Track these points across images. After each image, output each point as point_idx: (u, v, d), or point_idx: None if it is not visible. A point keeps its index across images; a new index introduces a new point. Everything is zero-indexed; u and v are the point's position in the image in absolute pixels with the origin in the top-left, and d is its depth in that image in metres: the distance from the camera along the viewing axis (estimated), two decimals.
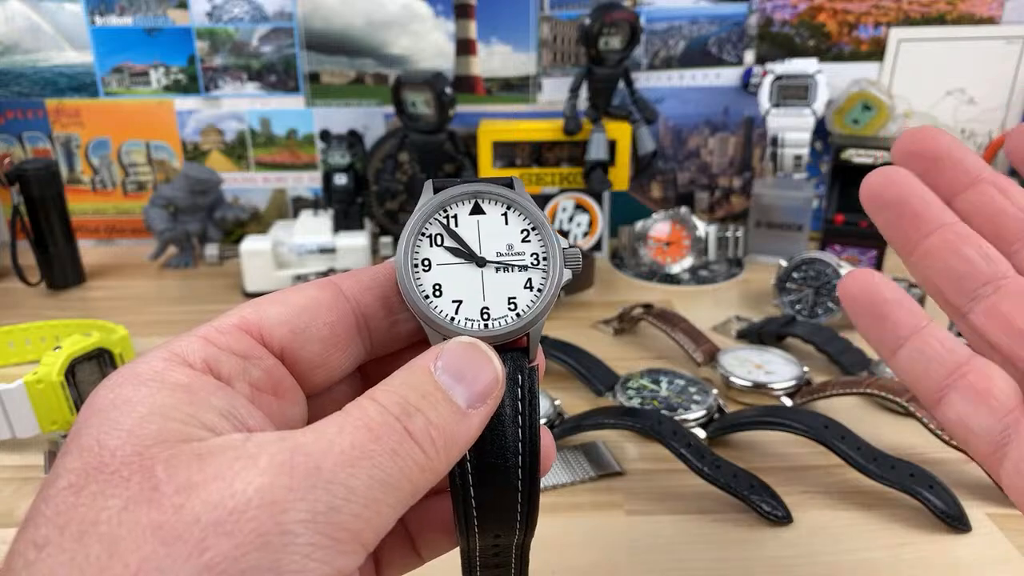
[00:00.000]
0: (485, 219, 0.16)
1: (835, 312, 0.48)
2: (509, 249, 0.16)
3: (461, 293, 0.16)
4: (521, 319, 0.16)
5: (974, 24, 0.61)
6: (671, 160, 0.66)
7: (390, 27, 0.61)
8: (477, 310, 0.16)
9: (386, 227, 0.65)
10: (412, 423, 0.14)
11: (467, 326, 0.16)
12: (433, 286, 0.16)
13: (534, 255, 0.17)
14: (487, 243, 0.16)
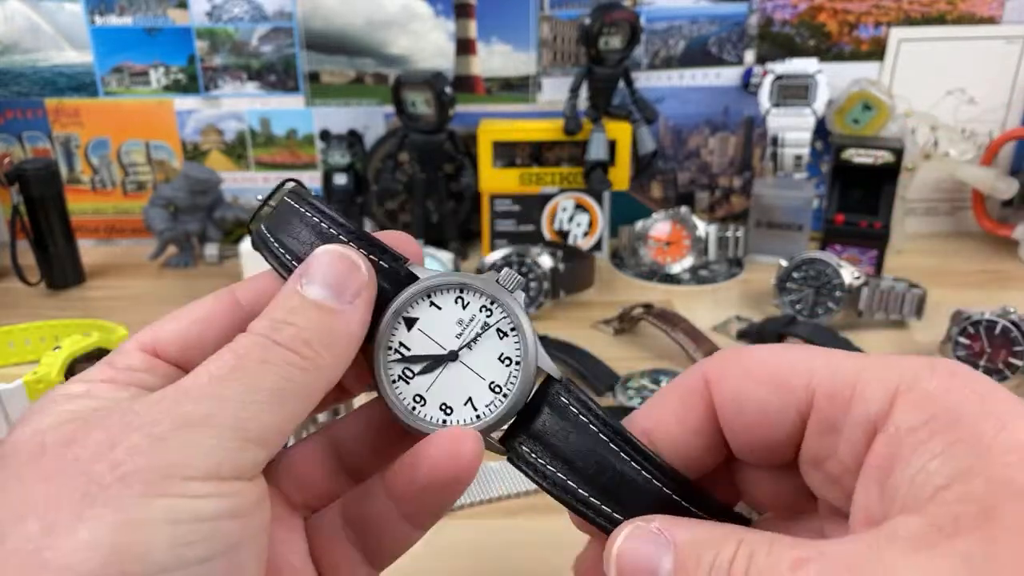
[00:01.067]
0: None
1: (835, 312, 0.48)
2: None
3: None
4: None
5: (974, 24, 0.61)
6: (671, 160, 0.66)
7: (390, 27, 0.61)
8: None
9: (386, 227, 0.65)
10: (280, 334, 0.15)
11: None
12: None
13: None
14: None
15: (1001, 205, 0.67)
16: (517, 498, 0.32)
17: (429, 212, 0.61)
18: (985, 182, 0.61)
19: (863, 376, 0.14)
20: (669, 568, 0.14)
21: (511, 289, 0.17)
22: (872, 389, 0.14)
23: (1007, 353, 0.40)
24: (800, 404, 0.15)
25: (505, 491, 0.32)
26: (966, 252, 0.63)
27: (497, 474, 0.33)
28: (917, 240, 0.64)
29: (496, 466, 0.33)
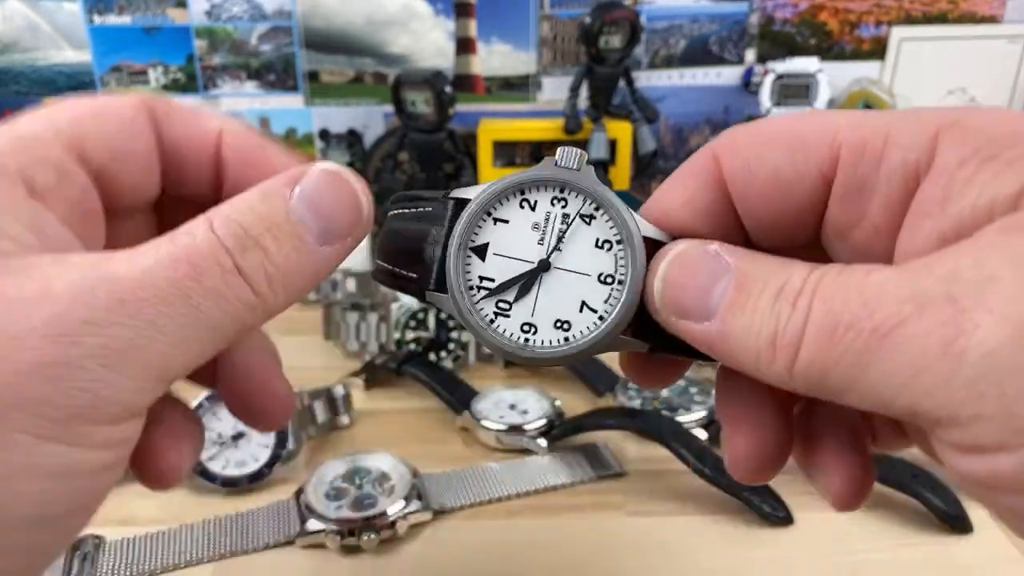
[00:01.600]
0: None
1: None
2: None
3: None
4: None
5: (976, 23, 0.60)
6: (672, 159, 0.66)
7: (390, 26, 0.61)
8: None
9: None
10: (245, 259, 0.13)
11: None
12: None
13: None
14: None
15: None
16: (518, 498, 0.32)
17: None
18: None
19: (896, 126, 0.13)
20: (726, 289, 0.13)
21: (576, 167, 0.15)
22: (908, 135, 0.12)
23: None
24: (823, 165, 0.13)
25: (505, 491, 0.32)
26: None
27: (497, 474, 0.33)
28: None
29: (497, 466, 0.33)
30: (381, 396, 0.41)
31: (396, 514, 0.29)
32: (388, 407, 0.40)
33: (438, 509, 0.31)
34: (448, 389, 0.38)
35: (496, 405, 0.37)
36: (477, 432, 0.36)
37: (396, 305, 0.43)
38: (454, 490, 0.32)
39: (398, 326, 0.42)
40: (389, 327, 0.42)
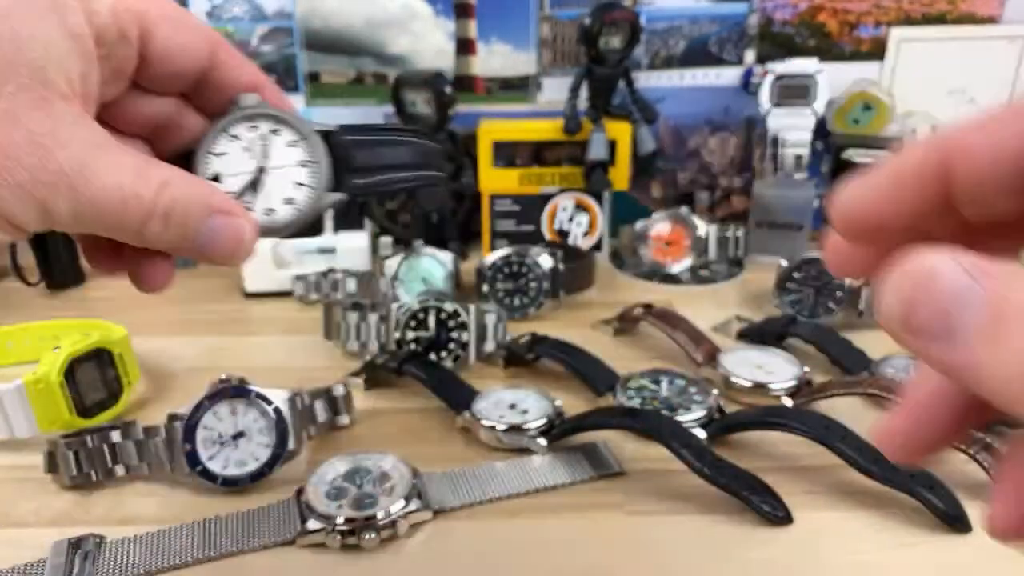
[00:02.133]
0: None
1: (836, 312, 0.48)
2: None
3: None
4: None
5: (975, 24, 0.61)
6: (671, 160, 0.66)
7: (390, 26, 0.61)
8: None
9: (386, 227, 0.65)
10: (150, 225, 0.19)
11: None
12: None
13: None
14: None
15: None
16: (518, 498, 0.32)
17: (429, 212, 0.61)
18: None
19: None
20: (977, 315, 0.11)
21: (255, 103, 0.22)
22: None
23: None
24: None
25: (505, 491, 0.32)
26: None
27: (497, 474, 0.33)
28: None
29: (497, 466, 0.34)
30: (381, 396, 0.41)
31: (396, 513, 0.29)
32: (388, 407, 0.40)
33: (438, 508, 0.31)
34: (448, 389, 0.38)
35: (496, 405, 0.37)
36: (477, 432, 0.36)
37: (396, 305, 0.43)
38: (454, 489, 0.32)
39: (398, 326, 0.42)
40: (389, 327, 0.43)
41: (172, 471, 0.32)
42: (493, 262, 0.50)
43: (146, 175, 0.19)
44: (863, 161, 0.55)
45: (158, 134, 0.22)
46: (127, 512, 0.31)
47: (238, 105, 0.22)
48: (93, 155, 0.18)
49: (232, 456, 0.32)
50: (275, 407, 0.33)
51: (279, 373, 0.43)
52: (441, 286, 0.51)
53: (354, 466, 0.32)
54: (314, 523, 0.29)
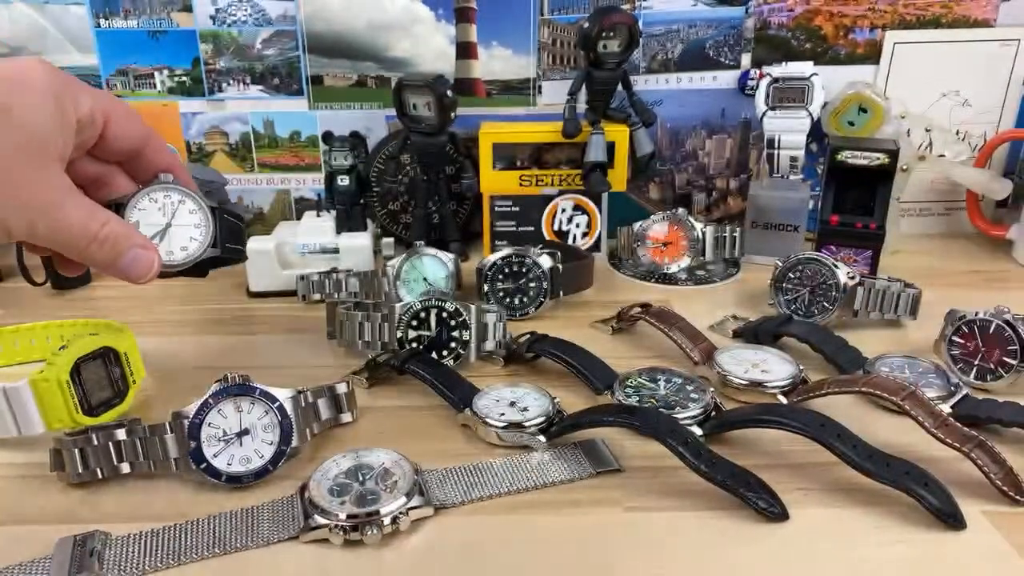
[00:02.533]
0: None
1: (831, 312, 0.48)
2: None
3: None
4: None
5: (969, 27, 0.61)
6: (669, 162, 0.66)
7: (391, 30, 0.62)
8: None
9: (388, 228, 0.66)
10: (90, 249, 0.30)
11: None
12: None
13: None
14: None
15: (995, 206, 0.67)
16: (518, 494, 0.32)
17: (431, 213, 0.62)
18: (979, 183, 0.61)
19: None
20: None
21: (171, 180, 0.34)
22: None
23: (1001, 352, 0.40)
24: None
25: (506, 488, 0.32)
26: (960, 252, 0.63)
27: (498, 470, 0.33)
28: (912, 241, 0.65)
29: (497, 462, 0.34)
30: (384, 394, 0.41)
31: (398, 510, 0.29)
32: (390, 404, 0.40)
33: (439, 505, 0.31)
34: (449, 387, 0.39)
35: (496, 402, 0.37)
36: (478, 429, 0.36)
37: (399, 304, 0.43)
38: (455, 486, 0.32)
39: (400, 325, 0.43)
40: (391, 326, 0.43)
41: (177, 469, 0.32)
42: (493, 262, 0.51)
43: (96, 215, 0.30)
44: (858, 163, 0.56)
45: (96, 186, 0.33)
46: (132, 509, 0.32)
47: (159, 180, 0.35)
48: (66, 197, 0.29)
49: (236, 453, 0.33)
50: (279, 405, 0.33)
51: (283, 371, 0.44)
52: (442, 286, 0.52)
53: (357, 463, 0.32)
54: (317, 519, 0.29)
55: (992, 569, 0.28)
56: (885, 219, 0.55)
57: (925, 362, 0.41)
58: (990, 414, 0.36)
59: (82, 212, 0.29)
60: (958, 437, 0.33)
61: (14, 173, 0.27)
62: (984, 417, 0.36)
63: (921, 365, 0.41)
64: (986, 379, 0.41)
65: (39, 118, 0.28)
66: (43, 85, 0.28)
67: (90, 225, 0.30)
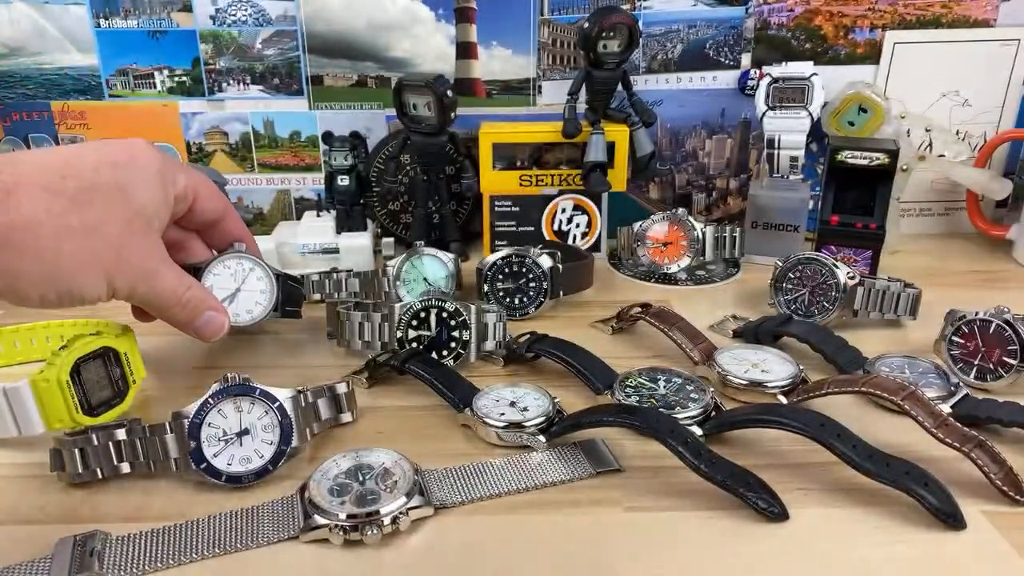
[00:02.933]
0: None
1: (831, 312, 0.48)
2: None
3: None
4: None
5: (969, 27, 0.61)
6: (669, 162, 0.66)
7: (392, 30, 0.62)
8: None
9: (388, 228, 0.66)
10: (173, 312, 0.36)
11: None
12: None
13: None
14: None
15: (995, 206, 0.67)
16: (518, 494, 0.32)
17: (431, 213, 0.62)
18: (979, 183, 0.61)
19: None
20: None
21: (241, 248, 0.42)
22: None
23: (1001, 352, 0.40)
24: None
25: (506, 488, 0.32)
26: (960, 252, 0.63)
27: (498, 470, 0.33)
28: (912, 240, 0.65)
29: (497, 462, 0.34)
30: (384, 394, 0.41)
31: (398, 510, 0.30)
32: (390, 404, 0.40)
33: (440, 505, 0.31)
34: (449, 387, 0.39)
35: (496, 402, 0.37)
36: (478, 429, 0.36)
37: (399, 304, 0.43)
38: (455, 486, 0.32)
39: (400, 325, 0.43)
40: (392, 326, 0.43)
41: (177, 468, 0.32)
42: (493, 262, 0.51)
43: (183, 280, 0.35)
44: (858, 163, 0.56)
45: (175, 249, 0.38)
46: (132, 509, 0.32)
47: (234, 249, 0.41)
48: (161, 264, 0.34)
49: (236, 453, 0.33)
50: (279, 405, 0.33)
51: (283, 371, 0.44)
52: (442, 286, 0.52)
53: (357, 463, 0.32)
54: (317, 519, 0.29)
55: (992, 569, 0.28)
56: (885, 219, 0.55)
57: (925, 362, 0.41)
58: (990, 414, 0.36)
59: (173, 278, 0.35)
60: (958, 437, 0.33)
61: (125, 244, 0.32)
62: (984, 417, 0.36)
63: (921, 365, 0.41)
64: (986, 379, 0.41)
65: (148, 196, 0.33)
66: (151, 166, 0.33)
67: (178, 290, 0.35)
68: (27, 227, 0.28)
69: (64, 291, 0.31)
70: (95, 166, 0.31)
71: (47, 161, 0.30)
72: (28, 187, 0.29)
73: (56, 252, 0.30)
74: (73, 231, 0.30)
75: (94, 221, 0.30)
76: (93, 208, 0.30)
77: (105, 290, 0.32)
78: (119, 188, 0.32)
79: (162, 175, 0.34)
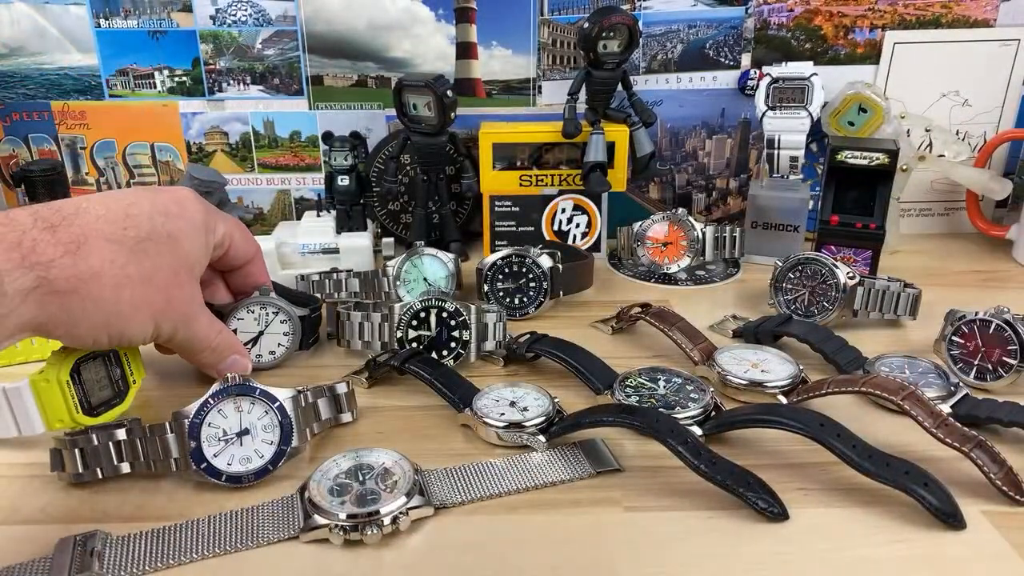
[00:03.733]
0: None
1: (831, 312, 0.48)
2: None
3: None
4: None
5: (969, 27, 0.61)
6: (669, 162, 0.66)
7: (392, 31, 0.62)
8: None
9: (388, 228, 0.66)
10: (204, 355, 0.38)
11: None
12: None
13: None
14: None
15: (995, 206, 0.67)
16: (518, 494, 0.32)
17: (431, 213, 0.62)
18: (979, 183, 0.61)
19: None
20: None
21: (268, 291, 0.43)
22: None
23: (1001, 352, 0.40)
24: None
25: (506, 488, 0.32)
26: (960, 252, 0.63)
27: (498, 470, 0.33)
28: (912, 240, 0.65)
29: (497, 462, 0.34)
30: (384, 393, 0.41)
31: (398, 510, 0.30)
32: (391, 404, 0.40)
33: (440, 505, 0.31)
34: (449, 387, 0.39)
35: (496, 402, 0.37)
36: (478, 429, 0.36)
37: (399, 304, 0.43)
38: (455, 486, 0.32)
39: (400, 325, 0.43)
40: (392, 326, 0.43)
41: (177, 468, 0.32)
42: (493, 262, 0.51)
43: (214, 325, 0.38)
44: (858, 163, 0.56)
45: (203, 287, 0.38)
46: (132, 509, 0.32)
47: (260, 293, 0.42)
48: (199, 311, 0.36)
49: (236, 453, 0.33)
50: (279, 405, 0.33)
51: (283, 371, 0.44)
52: (442, 286, 0.52)
53: (357, 463, 0.32)
54: (317, 519, 0.29)
55: (992, 569, 0.28)
56: (885, 219, 0.55)
57: (925, 362, 0.41)
58: (990, 414, 0.36)
59: (208, 323, 0.37)
60: (958, 437, 0.33)
61: (173, 292, 0.34)
62: (984, 417, 0.36)
63: (921, 365, 0.41)
64: (986, 379, 0.41)
65: (193, 245, 0.35)
66: (197, 216, 0.36)
67: (211, 335, 0.37)
68: (93, 278, 0.31)
69: (116, 334, 0.33)
70: (150, 216, 0.33)
71: (110, 210, 0.32)
72: (95, 239, 0.31)
73: (116, 301, 0.32)
74: (131, 280, 0.32)
75: (149, 270, 0.33)
76: (148, 257, 0.33)
77: (151, 334, 0.34)
78: (170, 237, 0.34)
79: (206, 225, 0.36)
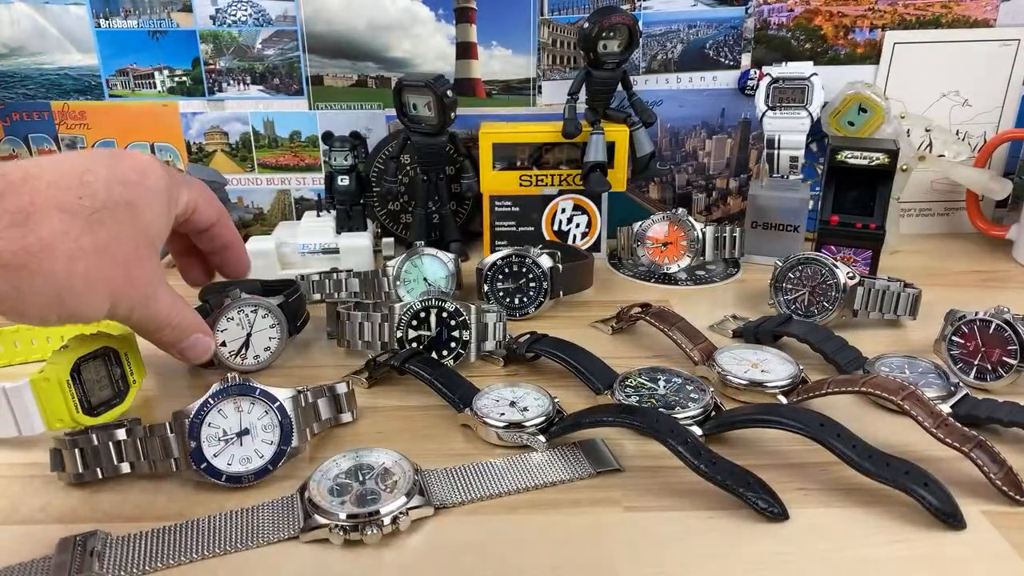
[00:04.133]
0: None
1: (831, 312, 0.48)
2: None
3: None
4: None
5: (969, 27, 0.61)
6: (669, 162, 0.66)
7: (392, 31, 0.62)
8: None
9: (388, 228, 0.66)
10: (163, 333, 0.35)
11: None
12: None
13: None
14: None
15: (995, 206, 0.67)
16: (518, 494, 0.32)
17: (431, 213, 0.62)
18: (979, 183, 0.61)
19: None
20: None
21: (241, 295, 0.42)
22: None
23: (1001, 352, 0.40)
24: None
25: (506, 488, 0.32)
26: (960, 252, 0.63)
27: (498, 470, 0.33)
28: (912, 240, 0.65)
29: (497, 462, 0.34)
30: (384, 393, 0.41)
31: (398, 510, 0.30)
32: (390, 404, 0.40)
33: (440, 505, 0.31)
34: (449, 387, 0.39)
35: (496, 402, 0.37)
36: (478, 429, 0.36)
37: (399, 304, 0.43)
38: (455, 486, 0.32)
39: (400, 325, 0.43)
40: (392, 326, 0.43)
41: (177, 468, 0.32)
42: (493, 262, 0.51)
43: (176, 303, 0.35)
44: (858, 163, 0.56)
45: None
46: (132, 509, 0.32)
47: (230, 299, 0.41)
48: (158, 287, 0.33)
49: (236, 453, 0.33)
50: (279, 405, 0.33)
51: (283, 371, 0.44)
52: (442, 286, 0.52)
53: (357, 463, 0.32)
54: (317, 519, 0.29)
55: (992, 569, 0.28)
56: (885, 219, 0.55)
57: (925, 362, 0.41)
58: (990, 414, 0.36)
59: (168, 301, 0.34)
60: (958, 437, 0.33)
61: (132, 267, 0.31)
62: (984, 417, 0.36)
63: (921, 365, 0.41)
64: (986, 379, 0.41)
65: (154, 216, 0.32)
66: (159, 184, 0.32)
67: (172, 313, 0.34)
68: (43, 251, 0.28)
69: (67, 313, 0.30)
70: (107, 184, 0.30)
71: (63, 177, 0.29)
72: (46, 209, 0.28)
73: (68, 275, 0.29)
74: (86, 253, 0.29)
75: (105, 242, 0.30)
76: (104, 228, 0.30)
77: (106, 311, 0.31)
78: (129, 207, 0.31)
79: (168, 194, 0.33)
